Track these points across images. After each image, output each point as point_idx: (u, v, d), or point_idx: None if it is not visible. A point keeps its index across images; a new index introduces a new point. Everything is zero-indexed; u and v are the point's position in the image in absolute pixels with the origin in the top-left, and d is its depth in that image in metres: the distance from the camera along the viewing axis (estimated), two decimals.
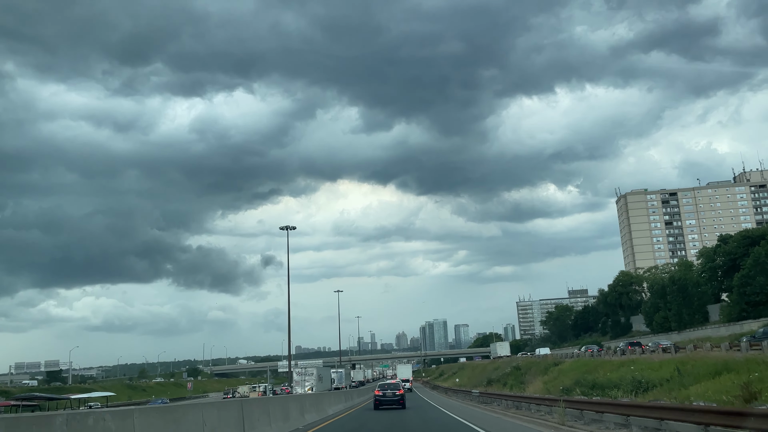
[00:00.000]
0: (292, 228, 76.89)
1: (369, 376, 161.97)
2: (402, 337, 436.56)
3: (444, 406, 35.65)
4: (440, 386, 76.91)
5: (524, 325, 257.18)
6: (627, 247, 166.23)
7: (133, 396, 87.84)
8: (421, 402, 42.89)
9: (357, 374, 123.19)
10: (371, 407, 35.79)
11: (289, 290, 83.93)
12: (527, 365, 48.31)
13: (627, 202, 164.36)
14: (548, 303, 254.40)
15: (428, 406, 36.62)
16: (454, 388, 58.20)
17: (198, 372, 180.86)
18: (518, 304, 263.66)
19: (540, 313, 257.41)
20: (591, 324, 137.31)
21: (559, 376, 34.46)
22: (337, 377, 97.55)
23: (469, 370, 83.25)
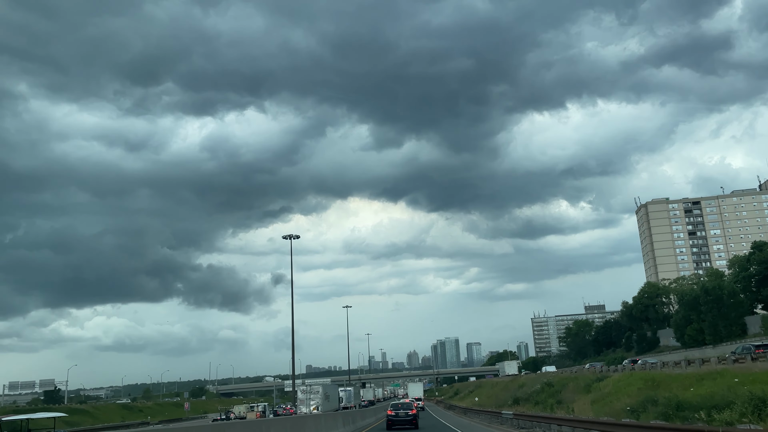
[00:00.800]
0: (296, 237, 72.08)
1: (380, 395, 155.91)
2: (413, 355, 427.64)
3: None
4: (457, 406, 69.95)
5: (540, 342, 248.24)
6: (648, 259, 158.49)
7: (128, 417, 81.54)
8: (437, 424, 36.09)
9: (367, 393, 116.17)
10: (381, 429, 33.05)
11: (293, 303, 77.83)
12: (560, 381, 41.65)
13: (648, 212, 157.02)
14: (564, 319, 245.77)
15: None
16: (474, 409, 51.50)
17: (203, 392, 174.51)
18: (533, 320, 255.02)
19: (556, 329, 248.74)
20: (614, 339, 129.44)
21: (612, 393, 27.94)
22: (345, 396, 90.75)
23: (488, 388, 76.19)
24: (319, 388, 68.82)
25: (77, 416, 71.99)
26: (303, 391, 68.60)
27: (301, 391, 68.56)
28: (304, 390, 68.65)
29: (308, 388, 68.79)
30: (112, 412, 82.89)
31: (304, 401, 68.65)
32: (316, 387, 69.12)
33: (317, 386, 69.36)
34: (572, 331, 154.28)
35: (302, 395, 68.57)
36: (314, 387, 69.07)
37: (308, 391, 68.59)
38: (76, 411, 75.93)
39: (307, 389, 68.66)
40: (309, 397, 68.43)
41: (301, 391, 68.58)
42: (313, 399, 68.50)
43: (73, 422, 68.41)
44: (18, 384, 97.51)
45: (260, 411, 62.77)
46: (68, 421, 68.03)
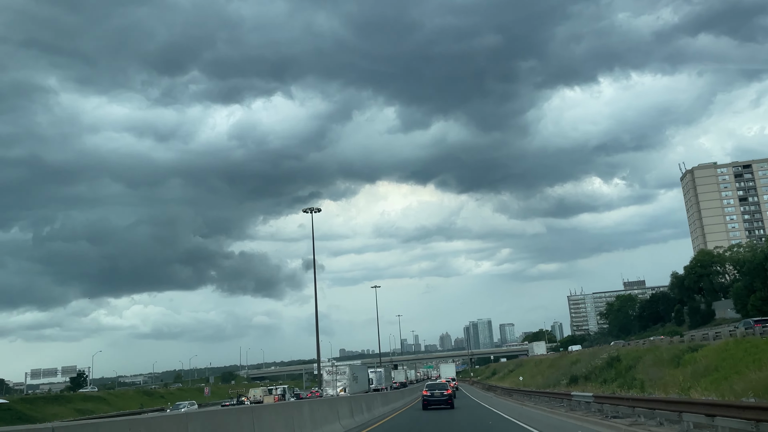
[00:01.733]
0: (317, 210, 65.96)
1: (412, 377, 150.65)
2: (446, 338, 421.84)
3: (537, 425, 21.75)
4: (498, 386, 62.87)
5: (577, 320, 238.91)
6: (696, 228, 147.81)
7: (147, 404, 76.93)
8: (485, 412, 29.01)
9: (398, 375, 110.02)
10: (411, 415, 30.65)
11: (315, 279, 71.76)
12: (630, 355, 34.31)
13: (694, 178, 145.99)
14: (602, 296, 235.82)
15: (506, 424, 22.72)
16: (522, 389, 44.50)
17: (233, 377, 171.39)
18: (569, 298, 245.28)
19: (594, 307, 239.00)
20: (662, 313, 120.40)
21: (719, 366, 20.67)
22: (375, 378, 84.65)
23: (531, 366, 68.99)
24: (346, 369, 62.76)
25: (91, 403, 67.40)
26: (329, 372, 62.58)
27: (326, 372, 62.55)
28: (330, 371, 62.61)
29: (334, 369, 62.71)
30: (131, 399, 78.45)
31: (330, 383, 62.64)
32: (342, 368, 63.05)
33: (344, 367, 63.25)
34: (614, 307, 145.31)
35: (328, 377, 62.55)
36: (341, 368, 62.99)
37: (334, 372, 62.53)
38: (92, 398, 71.44)
39: (333, 370, 62.60)
40: (335, 379, 62.39)
41: (327, 372, 62.56)
42: (339, 381, 62.45)
43: (86, 410, 63.59)
44: (40, 371, 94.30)
45: (279, 394, 56.71)
46: (80, 409, 63.28)
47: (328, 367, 63.10)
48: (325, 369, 62.96)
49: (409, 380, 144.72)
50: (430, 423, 24.00)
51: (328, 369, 62.82)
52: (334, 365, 63.65)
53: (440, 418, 26.36)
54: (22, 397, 63.42)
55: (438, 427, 21.53)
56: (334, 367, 62.99)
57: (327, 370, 62.74)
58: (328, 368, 62.96)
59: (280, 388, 59.64)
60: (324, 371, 63.07)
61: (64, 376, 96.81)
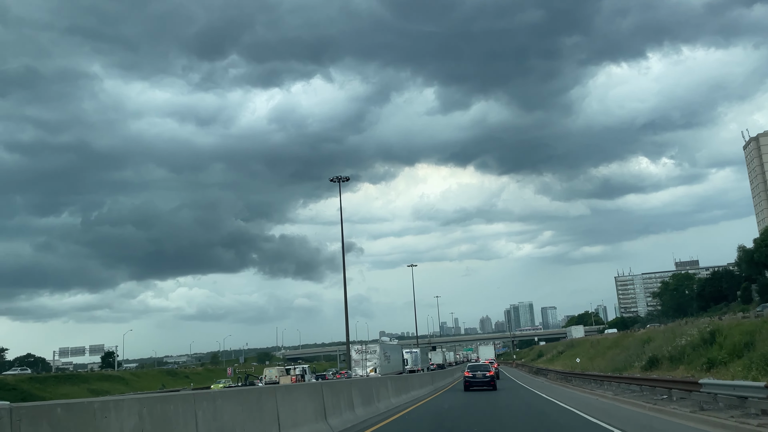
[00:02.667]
0: (344, 179, 59.59)
1: (451, 359, 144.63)
2: (486, 321, 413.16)
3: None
4: (549, 370, 54.94)
5: (625, 302, 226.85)
6: (761, 201, 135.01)
7: (170, 384, 72.53)
8: (551, 408, 21.21)
9: (436, 356, 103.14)
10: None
11: (344, 251, 65.49)
12: (732, 330, 26.30)
13: (759, 146, 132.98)
14: (652, 277, 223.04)
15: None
16: (586, 373, 36.76)
17: (270, 357, 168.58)
18: (617, 279, 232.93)
19: (643, 288, 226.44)
20: (725, 292, 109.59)
21: None
22: (411, 358, 77.87)
23: (587, 347, 60.74)
24: (377, 347, 56.07)
25: (108, 383, 62.86)
26: (358, 351, 56.07)
27: (356, 351, 56.09)
28: (359, 350, 56.08)
29: (363, 347, 56.13)
30: (154, 379, 74.10)
31: (359, 363, 56.12)
32: (373, 346, 56.38)
33: (374, 346, 56.56)
34: (670, 286, 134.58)
35: (357, 356, 56.03)
36: (371, 346, 56.33)
37: (364, 351, 55.96)
38: (110, 378, 67.12)
39: (362, 349, 56.04)
40: (365, 359, 55.83)
41: (356, 351, 56.09)
42: (369, 360, 55.87)
43: (101, 391, 58.83)
44: (68, 350, 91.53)
45: (297, 375, 50.30)
46: (95, 389, 58.57)
47: (357, 346, 56.63)
48: (354, 348, 56.54)
49: (448, 362, 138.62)
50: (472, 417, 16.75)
51: (357, 348, 56.35)
52: (363, 344, 56.97)
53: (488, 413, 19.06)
54: (32, 376, 59.41)
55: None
56: (363, 346, 56.41)
57: (356, 349, 56.27)
58: (357, 347, 56.48)
59: (299, 367, 52.76)
60: (353, 350, 56.66)
61: (92, 354, 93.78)
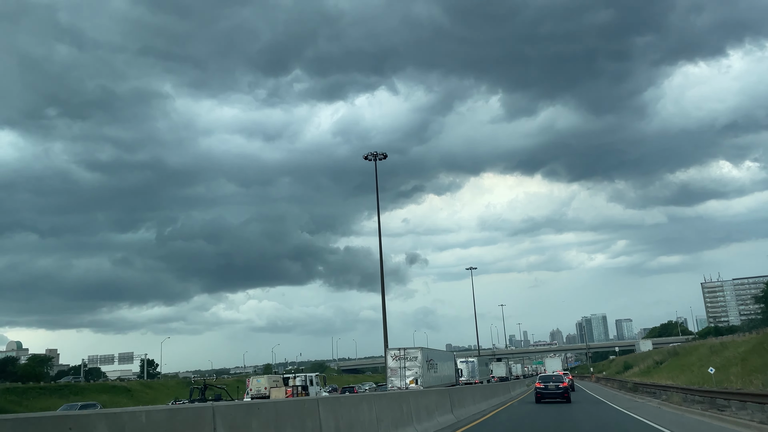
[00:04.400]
0: (381, 156, 51.85)
1: (519, 372, 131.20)
2: (556, 334, 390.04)
3: None
4: (660, 386, 37.94)
5: (713, 310, 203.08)
6: None
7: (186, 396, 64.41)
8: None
9: (498, 368, 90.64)
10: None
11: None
12: None
13: None
14: (745, 283, 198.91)
15: None
16: (753, 392, 23.56)
17: (324, 368, 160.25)
18: (704, 286, 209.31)
19: (734, 295, 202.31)
20: None
21: None
22: (467, 369, 66.28)
23: (703, 353, 46.76)
24: (418, 353, 45.05)
25: (107, 396, 54.71)
26: (395, 357, 45.32)
27: (392, 357, 45.34)
28: (396, 356, 45.27)
29: (402, 353, 45.19)
30: (172, 390, 66.09)
31: (396, 371, 45.36)
32: (413, 352, 45.35)
33: (415, 351, 45.50)
34: None
35: (393, 363, 45.30)
36: (411, 352, 45.31)
37: (401, 357, 45.08)
38: (112, 389, 59.09)
39: (400, 355, 45.16)
40: (403, 366, 45.01)
41: (393, 357, 45.33)
42: (410, 369, 45.02)
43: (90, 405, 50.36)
44: (97, 358, 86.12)
45: (297, 386, 38.20)
46: (88, 403, 50.21)
47: (393, 351, 45.73)
48: (391, 353, 45.71)
49: (514, 375, 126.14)
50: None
51: (393, 353, 45.51)
52: (402, 349, 45.98)
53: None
54: (8, 387, 52.14)
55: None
56: (402, 351, 45.40)
57: (393, 355, 45.49)
58: (394, 352, 45.60)
59: (300, 376, 40.61)
60: (389, 356, 45.90)
61: (122, 363, 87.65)
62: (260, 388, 39.25)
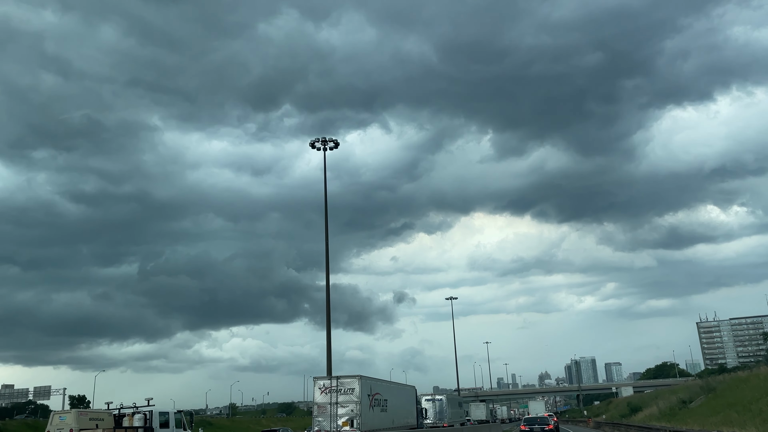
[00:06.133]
0: (333, 145, 47.90)
1: (504, 416, 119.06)
2: (545, 376, 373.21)
3: None
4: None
5: (710, 351, 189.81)
6: None
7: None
8: None
9: (477, 410, 77.54)
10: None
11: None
12: None
13: None
14: (743, 322, 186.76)
15: None
16: None
17: (293, 409, 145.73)
18: (699, 325, 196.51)
19: (731, 336, 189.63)
20: None
21: None
22: (432, 409, 53.38)
23: (754, 386, 34.33)
24: (355, 384, 32.58)
25: None
26: (324, 390, 32.92)
27: (320, 389, 32.87)
28: (324, 388, 32.84)
29: (334, 383, 32.73)
30: None
31: (324, 410, 32.94)
32: (349, 382, 32.78)
33: (351, 381, 32.95)
34: None
35: (322, 398, 32.91)
36: (345, 382, 32.77)
37: (333, 389, 32.73)
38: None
39: (330, 386, 32.74)
40: (335, 402, 32.65)
41: (320, 389, 32.87)
42: (344, 406, 32.61)
43: None
44: (14, 391, 72.07)
45: (136, 427, 23.99)
46: None
47: (322, 382, 33.17)
48: (318, 385, 33.16)
49: (500, 418, 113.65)
50: None
51: (322, 384, 33.00)
52: (333, 378, 33.44)
53: None
54: None
55: None
56: (334, 382, 32.93)
57: (321, 386, 33.00)
58: (323, 383, 33.07)
59: (143, 411, 26.33)
60: (316, 388, 33.37)
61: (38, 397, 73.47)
62: (63, 428, 26.30)
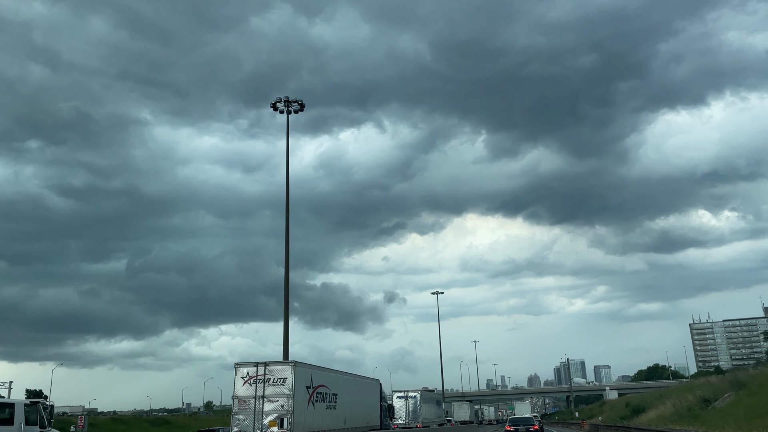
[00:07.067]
0: (298, 107, 42.88)
1: (492, 417, 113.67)
2: (534, 379, 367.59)
3: None
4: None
5: (703, 353, 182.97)
6: None
7: None
8: None
9: (460, 411, 70.85)
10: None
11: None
12: None
13: None
14: (737, 324, 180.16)
15: None
16: None
17: None
18: (692, 327, 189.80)
19: (725, 338, 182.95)
20: None
21: None
22: (405, 408, 45.68)
23: None
24: (287, 372, 24.70)
25: None
26: (248, 379, 25.10)
27: (242, 378, 25.01)
28: (249, 377, 24.99)
29: (261, 371, 24.78)
30: None
31: (248, 404, 25.13)
32: (280, 370, 24.82)
33: (283, 367, 24.99)
34: None
35: (245, 390, 25.12)
36: (275, 370, 24.82)
37: (259, 379, 24.96)
38: None
39: (255, 375, 24.87)
40: (261, 395, 24.88)
41: (244, 378, 25.01)
42: (272, 400, 24.81)
43: None
44: None
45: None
46: None
47: (245, 369, 25.19)
48: (241, 373, 25.24)
49: (486, 419, 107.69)
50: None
51: (245, 373, 25.05)
52: (260, 365, 25.37)
53: None
54: None
55: None
56: (261, 369, 25.00)
57: (244, 375, 25.10)
58: (247, 370, 25.11)
59: None
60: (238, 378, 25.52)
61: None
62: None
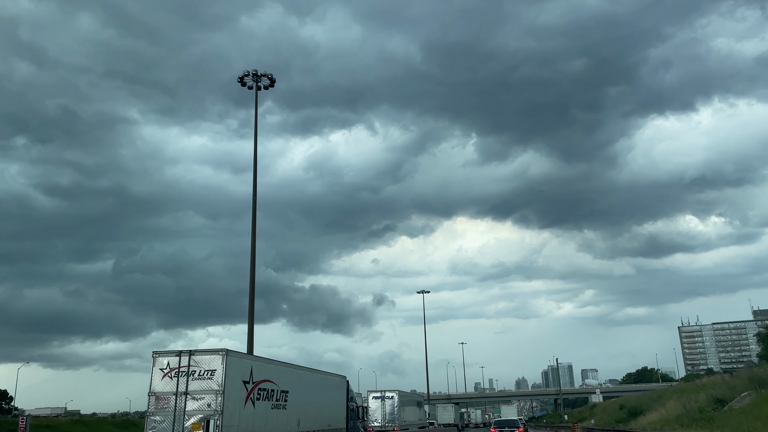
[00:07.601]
0: (268, 82, 41.54)
1: (479, 420, 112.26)
2: (522, 382, 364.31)
3: None
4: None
5: (692, 356, 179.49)
6: None
7: None
8: None
9: (444, 413, 66.68)
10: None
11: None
12: None
13: None
14: (726, 327, 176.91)
15: None
16: None
17: None
18: (681, 330, 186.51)
19: (714, 341, 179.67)
20: None
21: None
22: (381, 409, 40.52)
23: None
24: (217, 362, 19.33)
25: None
26: (168, 372, 19.60)
27: (161, 370, 19.62)
28: (170, 369, 19.55)
29: (185, 361, 19.40)
30: None
31: (166, 402, 19.51)
32: (208, 360, 19.43)
33: (212, 357, 19.50)
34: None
35: (165, 384, 19.62)
36: (202, 360, 19.46)
37: (183, 371, 19.47)
38: None
39: (179, 366, 19.47)
40: (184, 392, 19.25)
41: (163, 370, 19.60)
42: (196, 398, 19.28)
43: None
44: None
45: None
46: None
47: (166, 359, 19.80)
48: (160, 363, 19.82)
49: (473, 422, 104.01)
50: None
51: (166, 363, 19.64)
52: (184, 353, 19.74)
53: None
54: None
55: None
56: (184, 359, 19.59)
57: (164, 367, 19.67)
58: (167, 360, 19.70)
59: None
60: (156, 369, 20.08)
61: None
62: None
